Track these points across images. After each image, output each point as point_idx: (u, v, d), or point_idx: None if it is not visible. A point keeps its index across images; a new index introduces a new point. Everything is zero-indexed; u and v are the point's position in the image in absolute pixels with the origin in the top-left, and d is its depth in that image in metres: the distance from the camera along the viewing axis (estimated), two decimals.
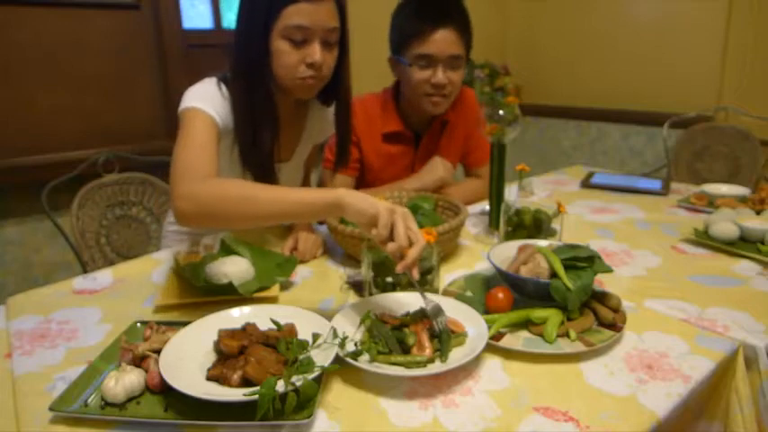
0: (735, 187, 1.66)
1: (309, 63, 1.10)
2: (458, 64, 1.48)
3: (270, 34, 1.08)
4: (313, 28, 1.08)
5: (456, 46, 1.46)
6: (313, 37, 1.09)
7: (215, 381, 0.76)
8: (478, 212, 1.56)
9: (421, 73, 1.47)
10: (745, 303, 1.01)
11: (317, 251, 1.29)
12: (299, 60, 1.10)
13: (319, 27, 1.08)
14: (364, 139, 1.61)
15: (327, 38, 1.11)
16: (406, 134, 1.62)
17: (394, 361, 0.80)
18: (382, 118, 1.60)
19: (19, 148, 2.00)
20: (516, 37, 3.63)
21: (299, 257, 1.22)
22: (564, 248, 0.99)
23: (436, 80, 1.46)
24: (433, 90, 1.48)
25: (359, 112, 1.58)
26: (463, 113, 1.66)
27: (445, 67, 1.46)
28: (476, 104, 1.71)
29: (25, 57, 1.97)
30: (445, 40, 1.44)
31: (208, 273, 1.08)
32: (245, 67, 1.13)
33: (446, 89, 1.48)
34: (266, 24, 1.08)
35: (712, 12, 2.72)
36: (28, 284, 2.15)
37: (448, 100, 1.53)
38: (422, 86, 1.49)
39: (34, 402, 0.76)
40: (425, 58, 1.45)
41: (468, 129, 1.68)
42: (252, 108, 1.14)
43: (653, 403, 0.74)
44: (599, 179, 1.90)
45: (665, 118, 2.64)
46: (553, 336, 0.86)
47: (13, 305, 1.07)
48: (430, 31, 1.43)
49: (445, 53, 1.45)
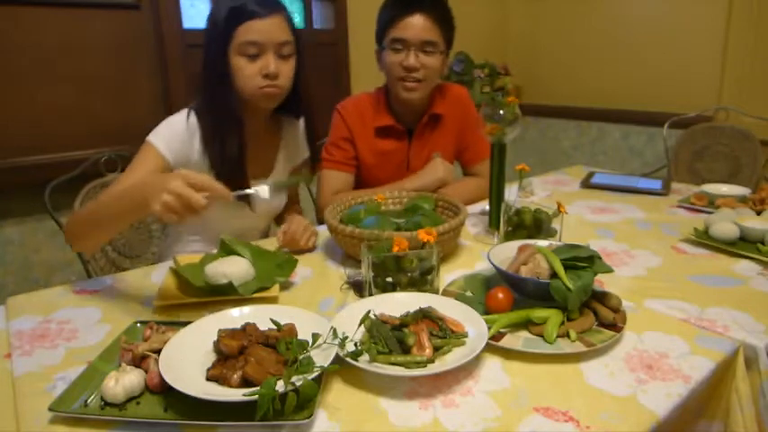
0: (735, 187, 1.66)
1: (265, 74, 1.21)
2: (431, 49, 1.51)
3: (228, 53, 1.21)
4: (265, 42, 1.20)
5: (429, 32, 1.50)
6: (266, 50, 1.21)
7: (215, 381, 0.76)
8: (478, 212, 1.57)
9: (394, 56, 1.52)
10: (745, 303, 1.01)
11: (312, 238, 1.32)
12: (256, 72, 1.21)
13: (270, 41, 1.20)
14: (357, 136, 1.63)
15: (280, 50, 1.23)
16: (397, 128, 1.64)
17: (394, 361, 0.80)
18: (374, 114, 1.63)
19: (19, 147, 2.01)
20: (516, 37, 3.63)
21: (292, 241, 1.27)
22: (564, 248, 0.99)
23: (407, 63, 1.50)
24: (404, 73, 1.52)
25: (351, 109, 1.63)
26: (455, 108, 1.68)
27: (417, 50, 1.50)
28: (469, 101, 1.73)
29: (25, 57, 1.97)
30: (418, 25, 1.49)
31: (208, 273, 1.08)
32: (210, 85, 1.24)
33: (419, 73, 1.52)
34: (224, 45, 1.20)
35: (712, 12, 2.72)
36: (28, 284, 2.15)
37: (423, 85, 1.55)
38: (395, 69, 1.53)
39: (34, 402, 0.76)
40: (399, 42, 1.51)
41: (460, 124, 1.70)
42: (217, 122, 1.25)
43: (653, 403, 0.74)
44: (599, 179, 1.90)
45: (665, 118, 2.64)
46: (553, 336, 0.85)
47: (12, 305, 1.07)
48: (403, 16, 1.49)
49: (417, 37, 1.49)
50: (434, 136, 1.68)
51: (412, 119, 1.65)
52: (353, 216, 1.28)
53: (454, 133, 1.70)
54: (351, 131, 1.62)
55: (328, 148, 1.65)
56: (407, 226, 1.20)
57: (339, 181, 1.63)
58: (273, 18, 1.20)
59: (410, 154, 1.67)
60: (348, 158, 1.64)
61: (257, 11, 1.18)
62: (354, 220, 1.26)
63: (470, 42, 3.32)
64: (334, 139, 1.65)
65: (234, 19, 1.19)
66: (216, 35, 1.20)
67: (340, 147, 1.64)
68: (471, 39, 3.34)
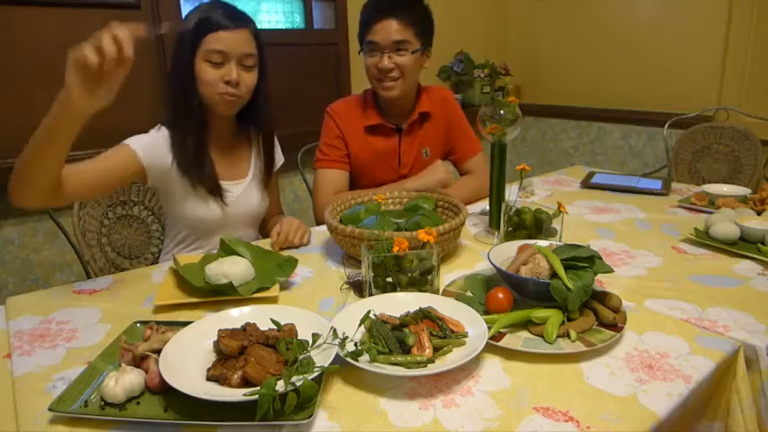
0: (735, 187, 1.66)
1: (227, 81, 1.27)
2: (403, 48, 1.55)
3: (194, 60, 1.27)
4: (229, 52, 1.27)
5: (400, 33, 1.54)
6: (229, 59, 1.28)
7: (215, 381, 0.76)
8: (478, 212, 1.57)
9: (370, 59, 1.58)
10: (745, 303, 1.01)
11: (305, 235, 1.38)
12: (218, 78, 1.28)
13: (235, 51, 1.27)
14: (349, 135, 1.67)
15: (244, 61, 1.30)
16: (386, 126, 1.68)
17: (394, 361, 0.80)
18: (363, 113, 1.68)
19: (19, 148, 1.99)
20: (516, 37, 3.63)
21: (285, 241, 1.34)
22: (564, 248, 0.99)
23: (381, 65, 1.55)
24: (380, 75, 1.57)
25: (341, 110, 1.69)
26: (441, 108, 1.73)
27: (390, 52, 1.54)
28: (454, 101, 1.79)
29: (25, 57, 1.97)
30: (389, 29, 1.53)
31: (208, 273, 1.08)
32: (175, 88, 1.32)
33: (393, 72, 1.56)
34: (191, 52, 1.27)
35: (712, 12, 2.72)
36: (28, 284, 2.15)
37: (400, 83, 1.59)
38: (372, 71, 1.59)
39: (34, 402, 0.76)
40: (372, 45, 1.56)
41: (447, 122, 1.74)
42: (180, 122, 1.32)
43: (653, 403, 0.74)
44: (599, 179, 1.90)
45: (665, 118, 2.64)
46: (553, 336, 0.85)
47: (12, 305, 1.07)
48: (375, 20, 1.54)
49: (389, 39, 1.53)
50: (423, 133, 1.72)
51: (400, 117, 1.69)
52: (353, 216, 1.28)
53: (442, 131, 1.74)
54: (342, 131, 1.66)
55: (322, 149, 1.68)
56: (407, 226, 1.20)
57: (336, 179, 1.66)
58: (240, 31, 1.28)
59: (401, 151, 1.70)
60: (342, 156, 1.67)
61: (225, 23, 1.26)
62: (354, 220, 1.26)
63: (470, 42, 3.32)
64: (327, 140, 1.68)
65: (202, 29, 1.26)
66: (184, 44, 1.28)
67: (333, 146, 1.66)
68: (471, 39, 3.34)
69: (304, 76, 2.70)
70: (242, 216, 1.46)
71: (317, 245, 1.38)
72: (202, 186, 1.35)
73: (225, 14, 1.27)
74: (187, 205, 1.37)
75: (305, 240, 1.38)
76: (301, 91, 2.68)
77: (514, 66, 3.50)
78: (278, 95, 2.58)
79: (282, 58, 2.61)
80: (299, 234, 1.36)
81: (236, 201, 1.42)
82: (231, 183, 1.42)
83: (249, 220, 1.50)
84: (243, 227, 1.48)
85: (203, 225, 1.41)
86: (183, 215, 1.39)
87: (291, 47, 2.64)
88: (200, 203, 1.37)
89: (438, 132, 1.73)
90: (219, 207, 1.39)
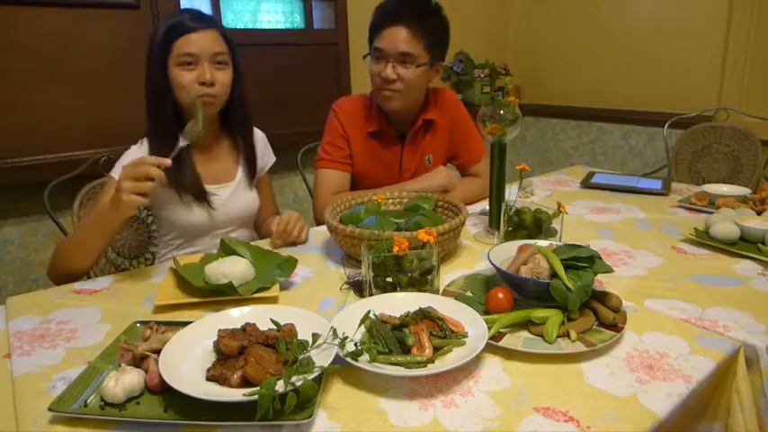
0: (735, 187, 1.66)
1: (201, 81, 1.29)
2: (408, 61, 1.51)
3: (168, 67, 1.30)
4: (200, 53, 1.29)
5: (407, 44, 1.49)
6: (201, 60, 1.29)
7: (215, 381, 0.76)
8: (478, 212, 1.57)
9: (375, 65, 1.54)
10: (745, 303, 1.01)
11: (303, 230, 1.39)
12: (193, 80, 1.29)
13: (205, 52, 1.29)
14: (352, 136, 1.64)
15: (215, 59, 1.31)
16: (389, 132, 1.65)
17: (394, 361, 0.80)
18: (367, 117, 1.65)
19: (19, 148, 2.00)
20: (516, 37, 3.63)
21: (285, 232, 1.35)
22: (564, 248, 0.98)
23: (384, 74, 1.51)
24: (382, 83, 1.54)
25: (346, 109, 1.65)
26: (446, 113, 1.69)
27: (395, 62, 1.50)
28: (460, 105, 1.74)
29: (25, 57, 1.97)
30: (396, 37, 1.49)
31: (208, 273, 1.08)
32: (151, 97, 1.34)
33: (394, 84, 1.52)
34: (163, 59, 1.29)
35: (712, 12, 2.72)
36: (28, 284, 2.15)
37: (400, 96, 1.55)
38: (375, 78, 1.56)
39: (34, 402, 0.76)
40: (378, 51, 1.52)
41: (452, 128, 1.71)
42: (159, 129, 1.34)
43: (653, 403, 0.74)
44: (599, 179, 1.90)
45: (665, 118, 2.64)
46: (553, 336, 0.85)
47: (12, 305, 1.07)
48: (384, 25, 1.50)
49: (395, 49, 1.49)
50: (427, 141, 1.68)
51: (404, 124, 1.66)
52: (353, 216, 1.28)
53: (446, 138, 1.71)
54: (346, 131, 1.64)
55: (325, 147, 1.66)
56: (407, 226, 1.20)
57: (337, 180, 1.64)
58: (208, 31, 1.30)
59: (403, 158, 1.68)
60: (344, 157, 1.65)
61: (192, 26, 1.29)
62: (354, 220, 1.26)
63: (470, 42, 3.32)
64: (331, 138, 1.65)
65: (172, 34, 1.29)
66: (156, 52, 1.30)
67: (336, 145, 1.64)
68: (471, 39, 3.34)
69: (304, 77, 2.70)
70: (232, 218, 1.46)
71: (317, 245, 1.38)
72: (187, 194, 1.37)
73: (192, 18, 1.30)
74: (175, 212, 1.38)
75: (303, 236, 1.38)
76: (301, 91, 2.68)
77: (514, 66, 3.50)
78: (278, 96, 2.61)
79: (282, 58, 2.61)
80: (297, 226, 1.37)
81: (224, 204, 1.43)
82: (218, 186, 1.42)
83: (240, 221, 1.49)
84: (234, 228, 1.49)
85: (193, 229, 1.42)
86: (173, 220, 1.40)
87: (291, 47, 2.64)
88: (187, 210, 1.38)
89: (442, 140, 1.70)
90: (207, 212, 1.40)
